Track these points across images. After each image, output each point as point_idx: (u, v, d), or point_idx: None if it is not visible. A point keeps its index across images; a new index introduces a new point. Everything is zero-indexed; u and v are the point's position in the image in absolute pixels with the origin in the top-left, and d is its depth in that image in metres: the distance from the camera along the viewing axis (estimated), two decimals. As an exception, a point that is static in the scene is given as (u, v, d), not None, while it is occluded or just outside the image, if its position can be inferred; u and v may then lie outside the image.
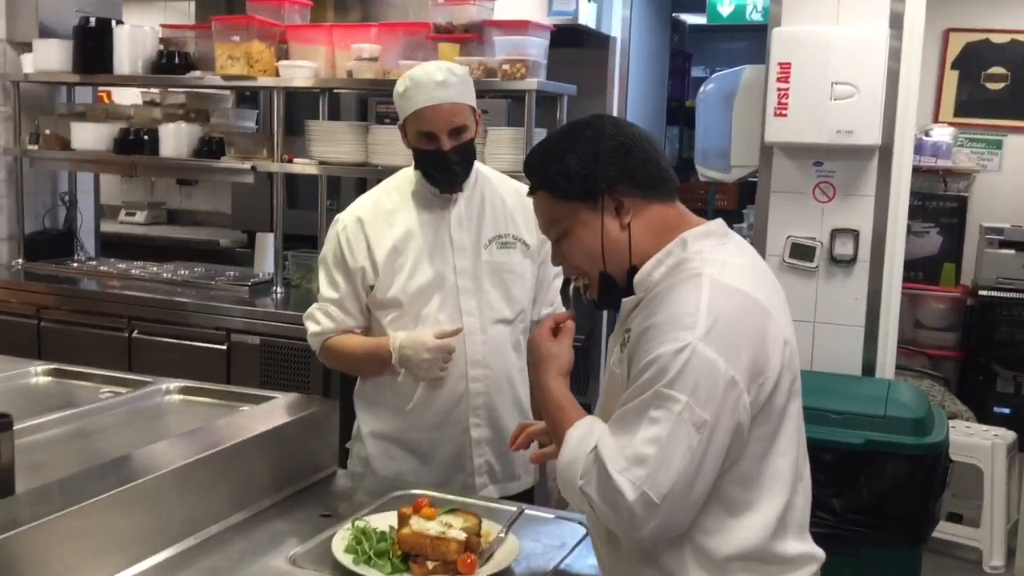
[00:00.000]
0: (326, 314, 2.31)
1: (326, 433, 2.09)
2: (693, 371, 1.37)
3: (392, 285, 2.24)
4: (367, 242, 2.25)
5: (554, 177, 1.53)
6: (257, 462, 1.89)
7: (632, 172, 1.51)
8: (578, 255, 1.56)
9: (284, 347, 3.79)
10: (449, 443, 2.29)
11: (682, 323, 1.39)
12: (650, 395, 1.38)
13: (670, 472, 1.36)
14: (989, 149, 5.85)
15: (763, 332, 1.44)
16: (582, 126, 1.55)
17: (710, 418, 1.37)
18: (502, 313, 2.30)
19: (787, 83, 3.09)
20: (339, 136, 3.97)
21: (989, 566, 3.93)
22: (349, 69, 3.95)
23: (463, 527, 1.70)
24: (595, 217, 1.52)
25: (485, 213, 2.31)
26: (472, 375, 2.26)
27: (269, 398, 2.16)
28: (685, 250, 1.50)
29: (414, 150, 2.24)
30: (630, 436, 1.39)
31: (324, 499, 1.96)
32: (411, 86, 2.17)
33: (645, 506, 1.36)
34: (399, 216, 2.27)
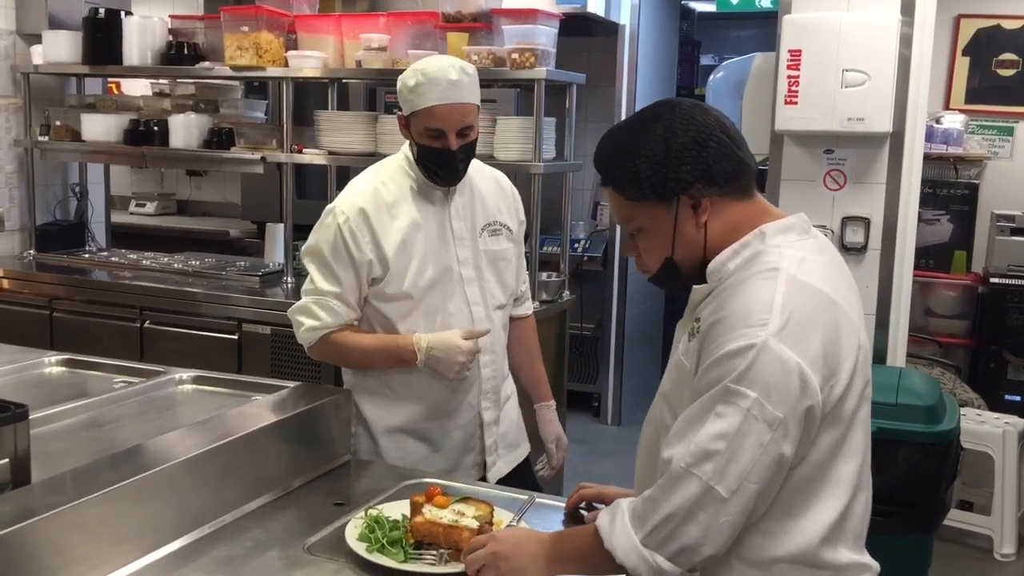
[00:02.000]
0: (326, 308, 2.22)
1: (339, 422, 2.10)
2: (764, 368, 1.33)
3: (404, 279, 2.20)
4: (372, 235, 2.20)
5: (624, 181, 1.48)
6: (270, 451, 1.90)
7: (707, 170, 1.44)
8: (651, 250, 1.52)
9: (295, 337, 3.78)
10: (461, 428, 2.31)
11: (754, 319, 1.35)
12: (717, 391, 1.35)
13: (738, 467, 1.34)
14: (1000, 136, 5.81)
15: (837, 333, 1.40)
16: (651, 121, 1.48)
17: (784, 415, 1.33)
18: (499, 299, 2.35)
19: (797, 70, 3.08)
20: (348, 126, 3.98)
21: (1000, 554, 3.92)
22: (358, 59, 3.94)
23: (475, 515, 1.71)
24: (670, 216, 1.47)
25: (475, 203, 2.33)
26: (483, 361, 2.30)
27: (282, 387, 2.18)
28: (763, 243, 1.45)
29: (418, 145, 2.20)
30: (695, 432, 1.36)
31: (337, 487, 1.97)
32: (424, 82, 2.13)
33: (713, 500, 1.34)
34: (401, 208, 2.23)
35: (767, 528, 1.42)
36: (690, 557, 1.37)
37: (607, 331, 5.63)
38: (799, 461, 1.40)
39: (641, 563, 1.38)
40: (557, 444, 2.50)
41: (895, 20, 3.05)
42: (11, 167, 4.60)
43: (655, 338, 6.25)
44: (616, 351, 5.62)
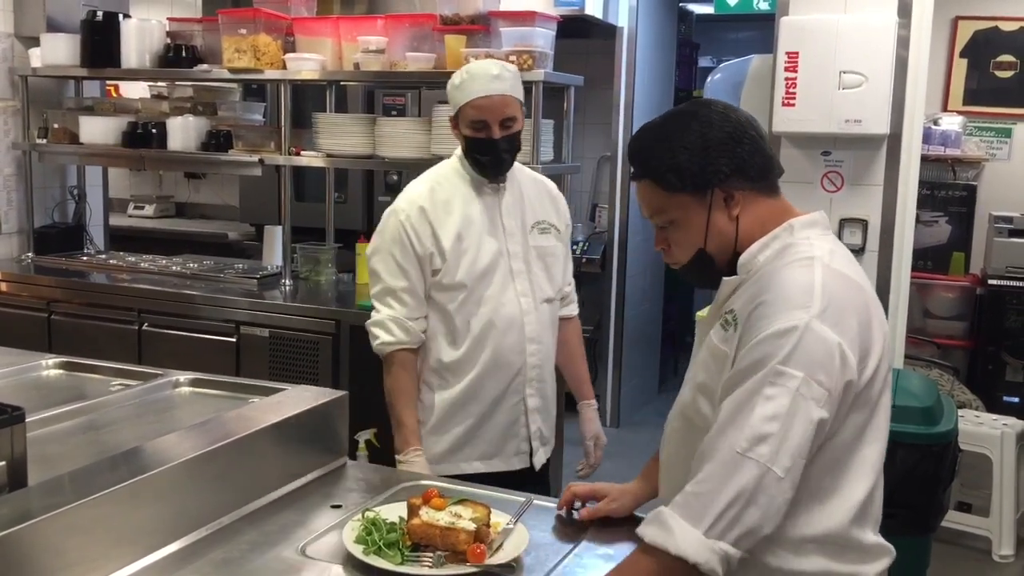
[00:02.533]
0: (400, 325, 2.36)
1: (336, 425, 2.10)
2: (809, 348, 1.38)
3: (459, 269, 2.34)
4: (432, 228, 2.34)
5: (663, 172, 1.52)
6: (267, 454, 1.90)
7: (742, 164, 1.51)
8: (682, 243, 1.56)
9: (293, 339, 3.80)
10: (504, 413, 2.42)
11: (796, 302, 1.40)
12: (764, 373, 1.39)
13: (790, 446, 1.37)
14: (998, 138, 5.82)
15: (869, 319, 1.46)
16: (688, 116, 1.54)
17: (829, 391, 1.38)
18: (547, 293, 2.47)
19: (795, 72, 3.08)
20: (346, 128, 3.98)
21: (998, 555, 3.92)
22: (356, 61, 3.95)
23: (472, 517, 1.70)
24: (703, 209, 1.52)
25: (525, 201, 2.47)
26: (529, 350, 2.42)
27: (279, 390, 2.17)
28: (792, 235, 1.52)
29: (465, 139, 2.36)
30: (746, 417, 1.39)
31: (334, 490, 1.97)
32: (467, 78, 2.32)
33: (772, 482, 1.37)
34: (455, 204, 2.38)
35: (797, 509, 1.45)
36: (753, 539, 1.40)
37: (606, 333, 5.63)
38: (829, 440, 1.44)
39: (711, 556, 1.38)
40: (596, 442, 2.61)
41: (892, 22, 3.05)
42: (9, 170, 4.61)
43: (654, 340, 6.25)
44: (615, 353, 5.62)
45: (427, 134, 3.83)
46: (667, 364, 6.56)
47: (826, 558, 1.48)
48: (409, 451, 2.35)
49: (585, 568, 1.67)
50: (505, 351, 2.38)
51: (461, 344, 2.38)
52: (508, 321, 2.37)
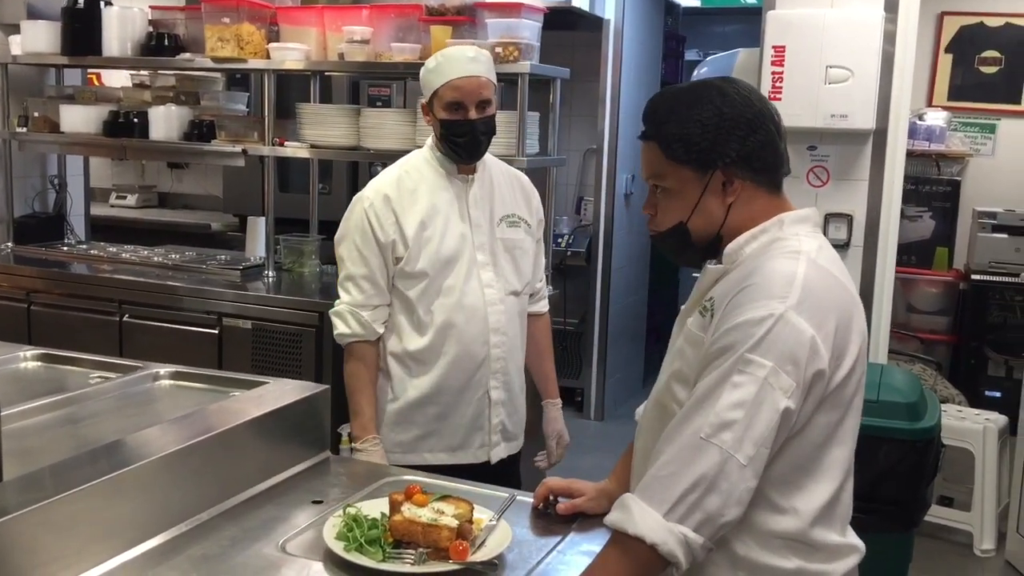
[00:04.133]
0: (357, 319, 2.36)
1: (318, 419, 2.08)
2: (780, 338, 1.37)
3: (421, 257, 2.34)
4: (395, 216, 2.34)
5: (671, 139, 1.50)
6: (249, 448, 1.88)
7: (750, 154, 1.48)
8: (668, 211, 1.55)
9: (276, 331, 3.77)
10: (469, 405, 2.41)
11: (774, 291, 1.40)
12: (733, 361, 1.38)
13: (754, 434, 1.37)
14: (983, 133, 5.84)
15: (849, 320, 1.45)
16: (712, 90, 1.51)
17: (797, 382, 1.38)
18: (514, 285, 2.46)
19: (781, 66, 3.07)
20: (331, 119, 3.95)
21: (980, 549, 3.95)
22: (341, 52, 3.92)
23: (455, 514, 1.69)
24: (699, 186, 1.50)
25: (495, 194, 2.46)
26: (493, 342, 2.40)
27: (261, 383, 2.15)
28: (781, 230, 1.50)
29: (441, 122, 2.35)
30: (711, 403, 1.39)
31: (315, 485, 1.95)
32: (443, 60, 2.33)
33: (734, 469, 1.36)
34: (422, 193, 2.38)
35: (762, 503, 1.45)
36: (713, 526, 1.39)
37: (591, 326, 5.62)
38: (797, 438, 1.43)
39: (669, 537, 1.38)
40: (558, 441, 2.62)
41: (879, 17, 3.05)
42: (-11, 159, 4.55)
43: (639, 334, 6.25)
44: (599, 346, 5.61)
45: (412, 125, 3.81)
46: (651, 358, 6.56)
47: (792, 554, 1.48)
48: (367, 440, 2.35)
49: (568, 565, 1.66)
50: (468, 342, 2.38)
51: (425, 333, 2.38)
52: (471, 311, 2.37)
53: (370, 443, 2.34)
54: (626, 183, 5.62)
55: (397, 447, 2.40)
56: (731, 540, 1.47)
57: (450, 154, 2.39)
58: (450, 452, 2.42)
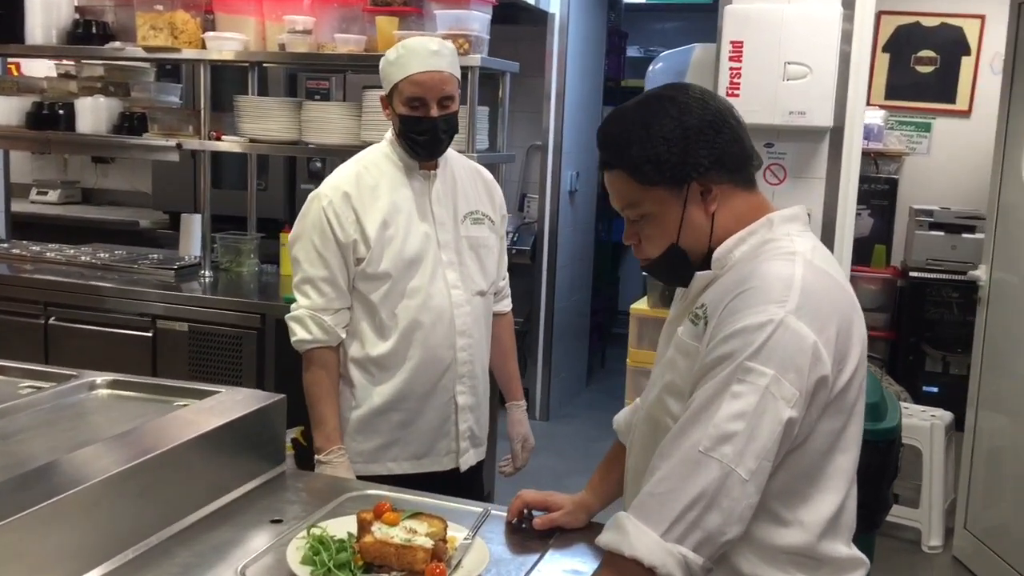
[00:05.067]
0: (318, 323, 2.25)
1: (274, 430, 1.95)
2: (781, 344, 1.30)
3: (383, 258, 2.23)
4: (356, 215, 2.23)
5: (639, 163, 1.42)
6: (200, 465, 1.74)
7: (721, 155, 1.43)
8: (654, 238, 1.47)
9: (214, 334, 3.60)
10: (435, 411, 2.31)
11: (772, 296, 1.33)
12: (732, 369, 1.31)
13: (756, 447, 1.30)
14: (918, 132, 5.92)
15: (850, 322, 1.39)
16: (665, 102, 1.44)
17: (800, 391, 1.31)
18: (480, 285, 2.36)
19: (739, 62, 3.02)
20: (270, 112, 3.80)
21: (928, 546, 3.97)
22: (281, 42, 3.76)
23: (428, 532, 1.58)
24: (678, 203, 1.44)
25: (458, 190, 2.36)
26: (459, 344, 2.31)
27: (208, 392, 2.00)
28: (771, 231, 1.45)
29: (400, 118, 2.24)
30: (710, 415, 1.31)
31: (273, 502, 1.82)
32: (404, 53, 2.21)
33: (736, 484, 1.29)
34: (382, 190, 2.27)
35: (766, 518, 1.39)
36: (714, 545, 1.32)
37: (535, 325, 5.55)
38: (801, 447, 1.37)
39: (668, 558, 1.30)
40: (524, 444, 2.53)
41: (837, 13, 3.02)
42: (-101, 152, 4.27)
43: (583, 332, 6.19)
44: (544, 345, 5.54)
45: (356, 119, 3.68)
46: (595, 356, 6.52)
47: (798, 570, 1.41)
48: (332, 451, 2.23)
49: (550, 585, 1.56)
50: (434, 346, 2.27)
51: (388, 337, 2.26)
52: (437, 314, 2.26)
53: (335, 455, 2.21)
54: (571, 180, 5.55)
55: (359, 457, 2.28)
56: (734, 557, 1.40)
57: (409, 151, 2.28)
58: (415, 460, 2.31)
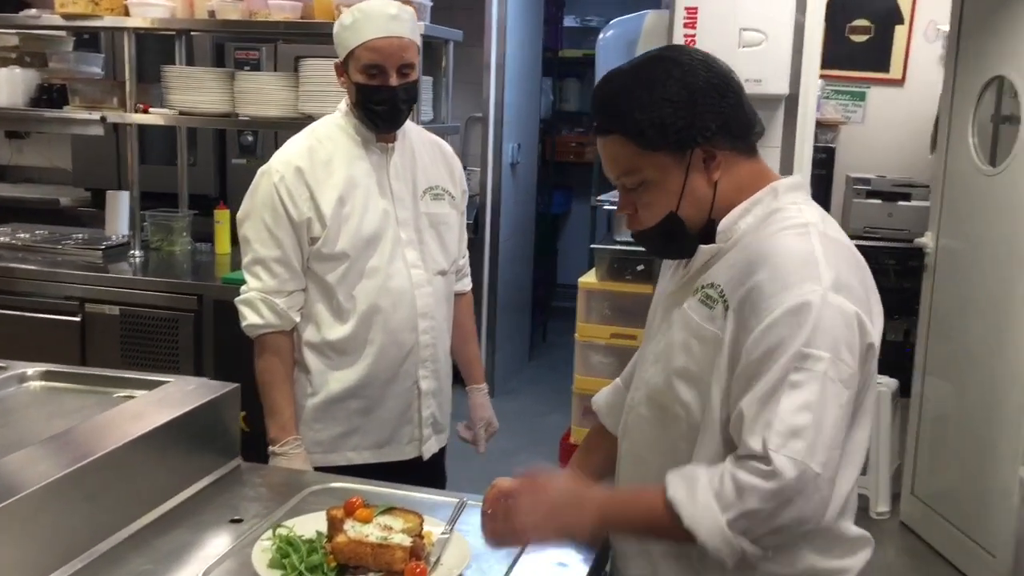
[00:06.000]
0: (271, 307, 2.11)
1: (229, 422, 1.82)
2: (830, 324, 1.25)
3: (340, 237, 2.10)
4: (309, 192, 2.10)
5: (642, 127, 1.34)
6: (151, 463, 1.61)
7: (727, 120, 1.37)
8: (652, 206, 1.40)
9: (148, 317, 3.43)
10: (397, 397, 2.20)
11: (803, 274, 1.28)
12: (788, 359, 1.25)
13: (825, 437, 1.25)
14: (853, 101, 5.95)
15: (868, 289, 1.36)
16: (668, 63, 1.37)
17: (855, 368, 1.28)
18: (441, 264, 2.25)
19: (694, 29, 2.95)
20: (202, 84, 3.60)
21: (875, 512, 4.01)
22: (211, 9, 3.57)
23: (404, 529, 1.49)
24: (680, 169, 1.37)
25: (416, 164, 2.23)
26: (422, 327, 2.20)
27: (153, 382, 1.87)
28: (776, 199, 1.39)
29: (357, 87, 2.10)
30: (773, 409, 1.25)
31: (231, 500, 1.70)
32: (361, 17, 2.07)
33: (810, 480, 1.24)
34: (338, 165, 2.14)
35: None
36: (780, 538, 1.28)
37: (479, 299, 5.44)
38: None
39: (724, 546, 1.25)
40: (487, 428, 2.44)
41: (791, -22, 2.96)
42: None
43: (525, 306, 6.12)
44: (488, 320, 5.45)
45: (294, 91, 3.51)
46: (536, 331, 6.46)
47: (815, 553, 1.38)
48: (287, 442, 2.10)
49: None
50: (395, 329, 2.16)
51: (347, 321, 2.14)
52: (397, 295, 2.15)
53: (291, 446, 2.09)
54: (512, 152, 5.45)
55: (317, 447, 2.16)
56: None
57: (366, 122, 2.15)
58: (376, 449, 2.20)
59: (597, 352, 4.27)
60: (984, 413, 3.36)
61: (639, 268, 4.08)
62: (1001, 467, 3.19)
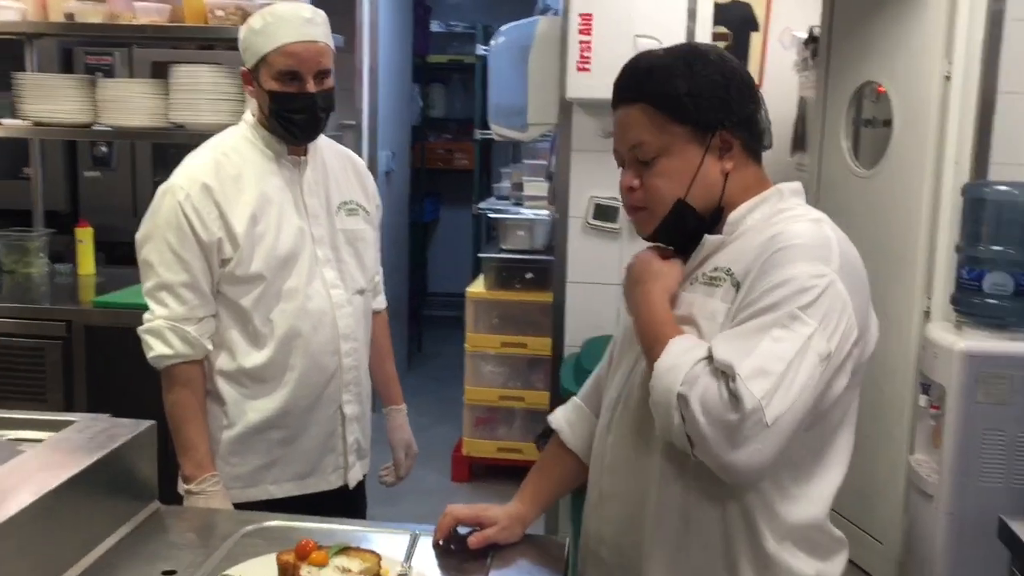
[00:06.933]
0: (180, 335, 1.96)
1: (145, 463, 1.66)
2: (828, 302, 1.28)
3: (254, 258, 1.98)
4: (219, 210, 1.97)
5: (680, 95, 1.36)
6: (66, 517, 1.44)
7: (750, 117, 1.41)
8: (661, 183, 1.39)
9: (9, 347, 3.15)
10: (320, 424, 2.08)
11: (818, 253, 1.31)
12: (778, 315, 1.27)
13: (788, 395, 1.24)
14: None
15: (868, 294, 1.39)
16: (707, 49, 1.44)
17: (834, 352, 1.28)
18: (359, 283, 2.15)
19: (589, 35, 2.95)
20: (59, 92, 3.37)
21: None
22: (68, 11, 3.32)
23: (361, 570, 1.39)
24: (698, 149, 1.38)
25: (329, 179, 2.12)
26: (344, 350, 2.09)
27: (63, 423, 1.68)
28: (782, 200, 1.43)
29: (271, 95, 1.98)
30: (751, 348, 1.25)
31: (157, 549, 1.54)
32: (273, 21, 1.96)
33: (755, 424, 1.22)
34: (247, 181, 2.01)
35: (785, 493, 1.37)
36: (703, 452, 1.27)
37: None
38: (819, 420, 1.34)
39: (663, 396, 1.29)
40: (407, 451, 2.35)
41: (682, -14, 3.01)
42: None
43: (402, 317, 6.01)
44: (366, 334, 5.31)
45: (164, 99, 3.32)
46: (412, 341, 6.36)
47: (802, 550, 1.39)
48: (205, 479, 1.96)
49: (506, 612, 1.41)
50: (316, 353, 2.04)
51: (264, 346, 2.01)
52: (318, 317, 2.03)
53: (208, 483, 1.93)
54: (387, 160, 5.33)
55: (235, 481, 2.00)
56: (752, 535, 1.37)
57: (282, 133, 2.01)
58: (299, 481, 2.06)
59: (488, 362, 4.23)
60: (870, 404, 3.49)
61: (528, 276, 4.07)
62: (888, 456, 3.33)
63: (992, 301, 2.90)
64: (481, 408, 4.33)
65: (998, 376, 2.81)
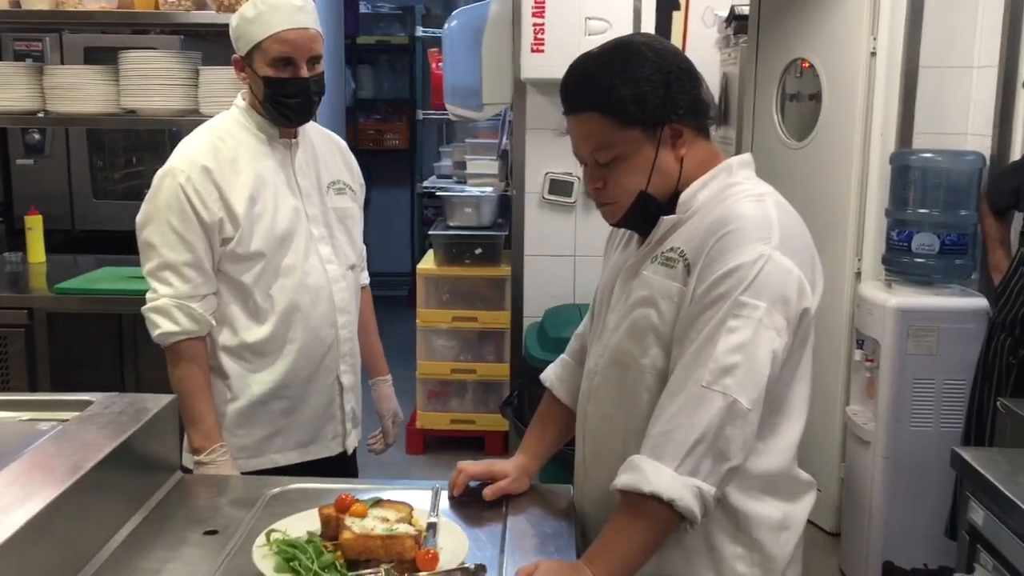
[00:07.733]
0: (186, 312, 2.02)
1: (169, 435, 1.74)
2: (770, 278, 1.39)
3: (254, 236, 2.06)
4: (219, 192, 2.04)
5: (624, 102, 1.44)
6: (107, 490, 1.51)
7: (694, 102, 1.48)
8: (623, 181, 1.49)
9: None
10: (319, 394, 2.19)
11: (756, 235, 1.41)
12: (728, 306, 1.38)
13: (756, 378, 1.37)
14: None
15: (815, 256, 1.49)
16: (639, 47, 1.48)
17: (788, 320, 1.40)
18: (351, 259, 2.25)
19: (542, 18, 3.07)
20: (8, 79, 3.31)
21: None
22: (13, -3, 3.29)
23: (399, 519, 1.50)
24: (651, 146, 1.47)
25: (319, 160, 2.21)
26: (340, 322, 2.19)
27: (82, 402, 1.74)
28: (731, 175, 1.52)
29: (266, 81, 2.05)
30: (710, 351, 1.38)
31: (193, 513, 1.63)
32: (266, 10, 2.02)
33: (736, 415, 1.36)
34: (243, 163, 2.08)
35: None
36: (720, 473, 1.39)
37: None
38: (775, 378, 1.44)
39: (685, 491, 1.36)
40: (394, 419, 2.46)
41: (628, -31, 3.15)
42: None
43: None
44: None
45: (115, 85, 3.32)
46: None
47: (771, 496, 1.51)
48: (214, 450, 2.03)
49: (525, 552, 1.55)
50: (315, 326, 2.14)
51: (265, 321, 2.09)
52: (315, 291, 2.13)
53: (218, 454, 2.01)
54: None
55: (241, 452, 2.09)
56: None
57: (276, 117, 2.09)
58: (301, 449, 2.16)
59: (439, 336, 4.34)
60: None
61: (477, 252, 4.18)
62: (825, 408, 3.57)
63: (920, 260, 3.15)
64: (433, 382, 4.44)
65: (927, 329, 3.05)
